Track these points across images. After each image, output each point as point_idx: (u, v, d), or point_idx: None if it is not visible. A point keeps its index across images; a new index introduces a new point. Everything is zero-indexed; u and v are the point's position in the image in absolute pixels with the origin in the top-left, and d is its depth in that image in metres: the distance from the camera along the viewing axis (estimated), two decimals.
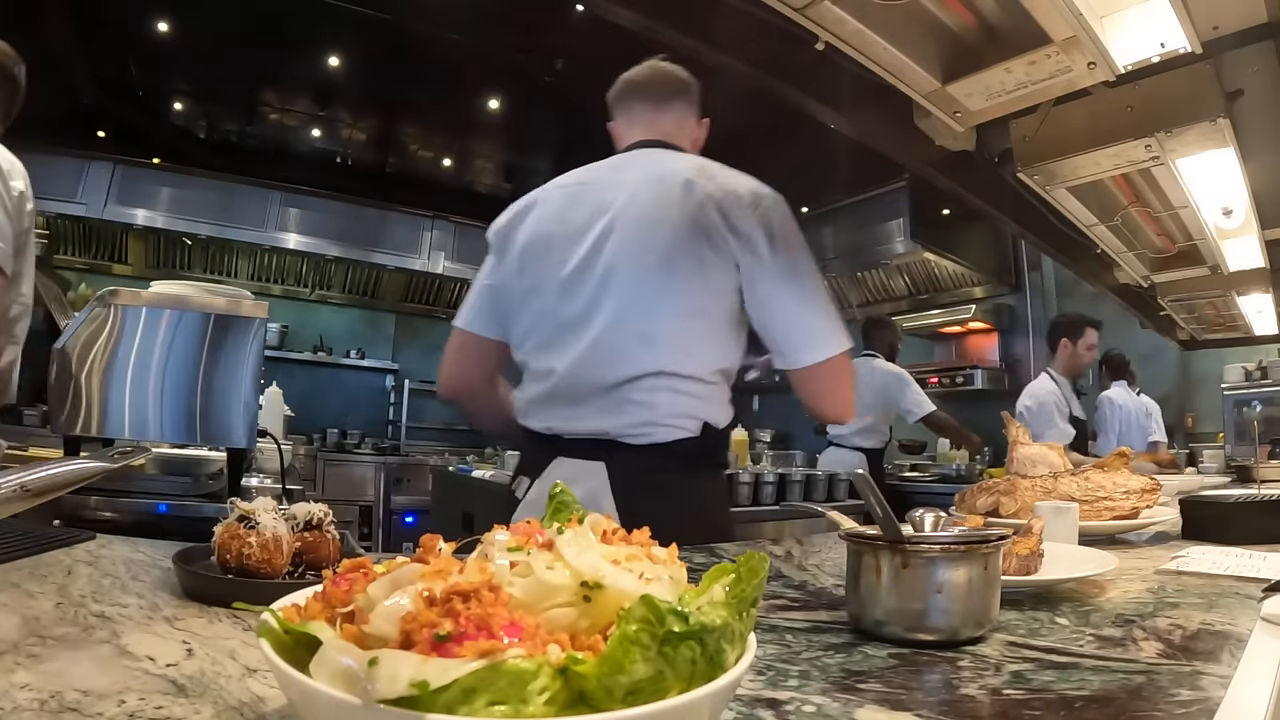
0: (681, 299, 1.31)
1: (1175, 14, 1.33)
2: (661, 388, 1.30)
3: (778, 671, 0.65)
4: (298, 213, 5.77)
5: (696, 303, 1.32)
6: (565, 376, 1.35)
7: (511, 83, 4.97)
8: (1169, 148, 1.65)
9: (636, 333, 1.30)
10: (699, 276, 1.31)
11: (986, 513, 1.55)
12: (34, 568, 0.83)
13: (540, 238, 1.45)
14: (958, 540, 0.77)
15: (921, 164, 2.01)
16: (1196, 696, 0.60)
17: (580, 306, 1.35)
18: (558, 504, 0.55)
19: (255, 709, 0.50)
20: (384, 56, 4.67)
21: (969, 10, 1.45)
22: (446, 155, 6.33)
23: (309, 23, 4.26)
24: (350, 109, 5.54)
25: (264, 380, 1.81)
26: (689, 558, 0.77)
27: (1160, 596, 0.99)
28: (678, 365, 1.30)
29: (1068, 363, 3.59)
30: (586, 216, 1.39)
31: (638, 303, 1.31)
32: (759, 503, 3.02)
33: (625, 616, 0.35)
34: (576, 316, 1.35)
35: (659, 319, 1.30)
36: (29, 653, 0.56)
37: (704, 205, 1.34)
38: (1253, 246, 2.38)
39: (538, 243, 1.45)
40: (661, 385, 1.30)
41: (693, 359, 1.31)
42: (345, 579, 0.41)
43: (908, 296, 6.06)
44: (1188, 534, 1.60)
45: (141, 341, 1.58)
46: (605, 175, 1.48)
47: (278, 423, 2.94)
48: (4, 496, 0.61)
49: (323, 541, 0.87)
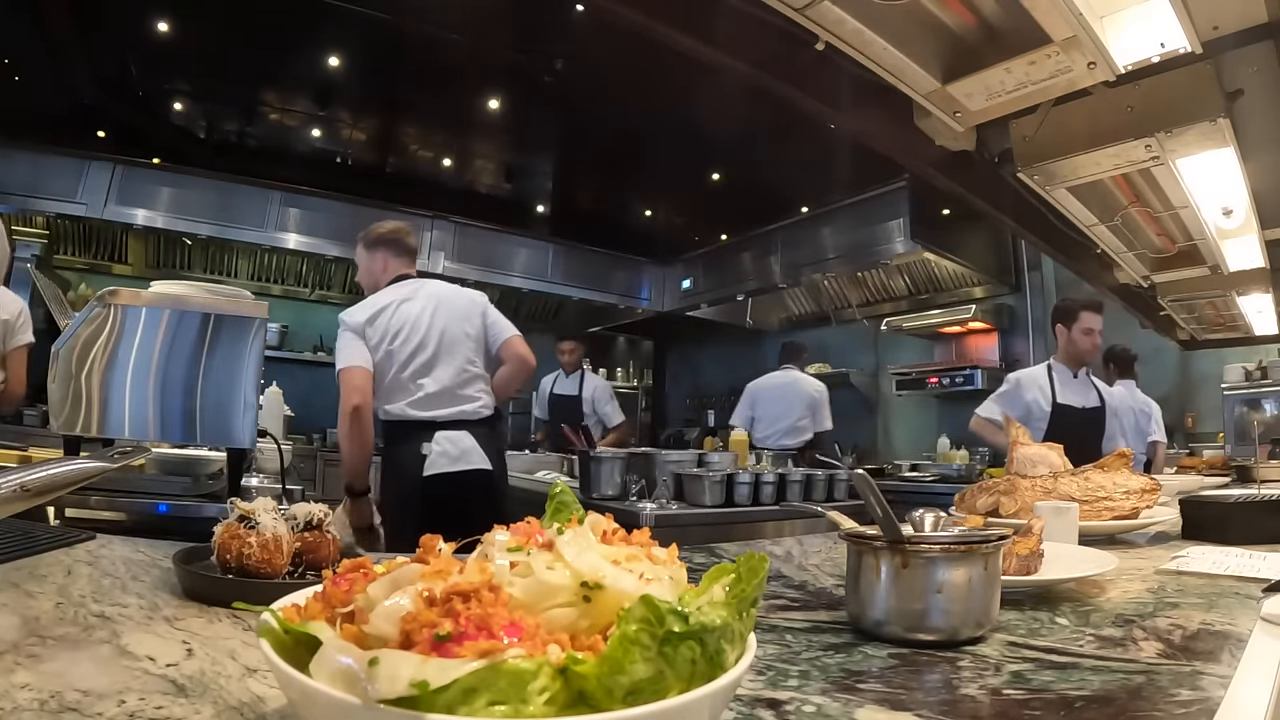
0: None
1: (1175, 14, 1.33)
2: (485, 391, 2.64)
3: (778, 671, 0.65)
4: (298, 213, 5.77)
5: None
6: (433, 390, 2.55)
7: (511, 83, 4.97)
8: (1169, 148, 1.65)
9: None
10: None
11: (986, 513, 1.55)
12: (34, 568, 0.83)
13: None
14: (958, 540, 0.77)
15: (921, 164, 2.01)
16: (1196, 696, 0.60)
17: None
18: (558, 504, 0.55)
19: (255, 709, 0.50)
20: (384, 56, 4.66)
21: (969, 10, 1.45)
22: (446, 155, 6.33)
23: (309, 23, 4.26)
24: (350, 109, 5.53)
25: (264, 380, 1.81)
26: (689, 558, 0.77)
27: (1160, 596, 0.99)
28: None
29: (1065, 350, 3.41)
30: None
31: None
32: (759, 503, 3.02)
33: (625, 616, 0.35)
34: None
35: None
36: (29, 653, 0.56)
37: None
38: (1253, 246, 2.38)
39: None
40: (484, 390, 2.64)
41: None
42: (345, 579, 0.41)
43: (908, 296, 6.06)
44: (1188, 534, 1.60)
45: (141, 341, 1.58)
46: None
47: (278, 423, 2.94)
48: (4, 496, 0.61)
49: (323, 541, 0.87)
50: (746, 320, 7.27)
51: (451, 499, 2.39)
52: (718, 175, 6.11)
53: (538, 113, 5.32)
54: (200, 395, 1.60)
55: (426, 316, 2.52)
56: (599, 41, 3.92)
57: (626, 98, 4.74)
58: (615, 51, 3.85)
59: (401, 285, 2.60)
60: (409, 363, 2.48)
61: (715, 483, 2.94)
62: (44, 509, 1.51)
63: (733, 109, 3.68)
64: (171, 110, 5.55)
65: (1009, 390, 3.45)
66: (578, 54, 4.48)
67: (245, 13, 4.14)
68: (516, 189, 6.78)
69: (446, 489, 2.41)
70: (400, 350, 2.48)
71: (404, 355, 2.48)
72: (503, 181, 6.67)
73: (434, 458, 2.44)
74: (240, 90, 5.28)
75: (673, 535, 0.59)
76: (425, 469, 2.42)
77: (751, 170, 5.76)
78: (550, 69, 4.65)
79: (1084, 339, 3.36)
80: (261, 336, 1.68)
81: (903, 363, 6.15)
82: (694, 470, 3.04)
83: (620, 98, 4.76)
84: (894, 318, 6.00)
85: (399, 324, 2.49)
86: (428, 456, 2.43)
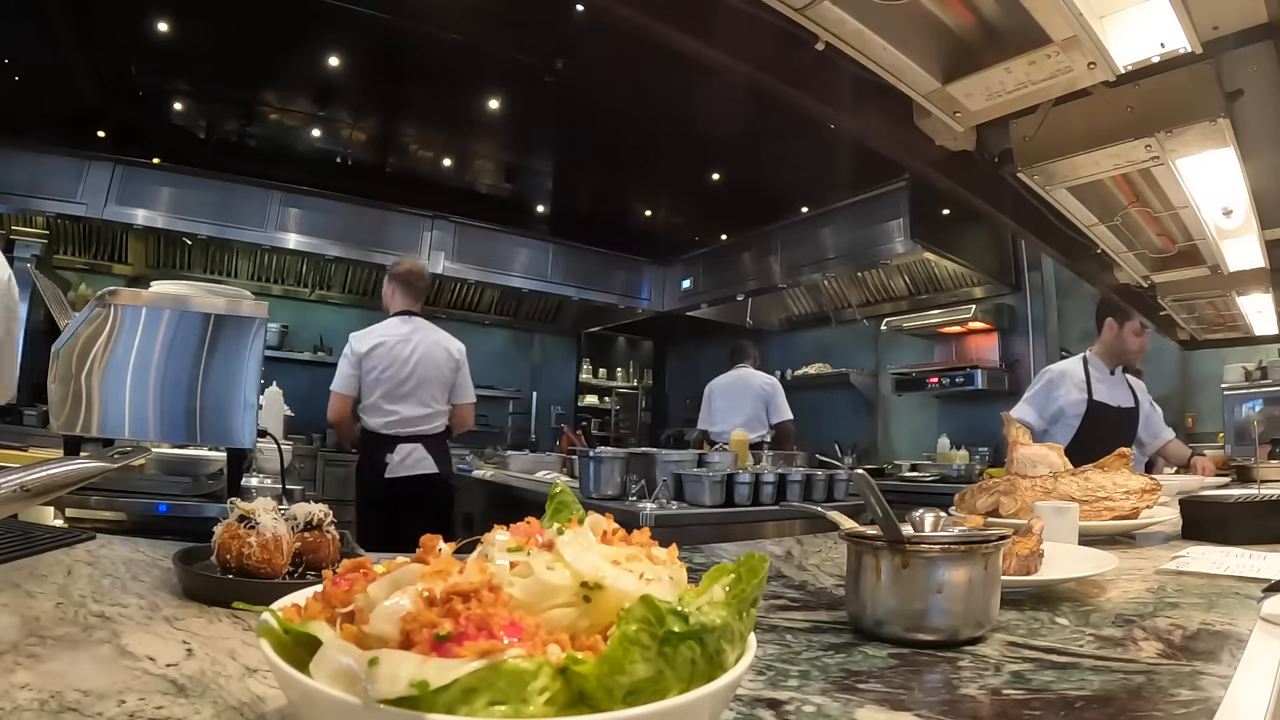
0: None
1: (1175, 14, 1.32)
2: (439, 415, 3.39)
3: (778, 671, 0.65)
4: (298, 213, 5.77)
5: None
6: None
7: (511, 83, 4.97)
8: (1169, 148, 1.65)
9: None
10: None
11: (986, 513, 1.55)
12: (34, 568, 0.83)
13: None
14: (958, 540, 0.77)
15: (921, 164, 2.01)
16: (1196, 696, 0.60)
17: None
18: (558, 504, 0.55)
19: (255, 709, 0.50)
20: (384, 56, 4.67)
21: (969, 10, 1.45)
22: (446, 155, 6.33)
23: (309, 23, 4.26)
24: (350, 109, 5.53)
25: (264, 380, 1.81)
26: (689, 558, 0.77)
27: (1160, 596, 0.99)
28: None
29: (1111, 346, 3.20)
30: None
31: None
32: (759, 503, 3.02)
33: (625, 617, 0.35)
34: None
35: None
36: (29, 653, 0.56)
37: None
38: (1253, 246, 2.38)
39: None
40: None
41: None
42: (345, 579, 0.41)
43: (908, 296, 6.06)
44: (1188, 534, 1.60)
45: (141, 342, 1.57)
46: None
47: (278, 423, 2.93)
48: (4, 496, 0.61)
49: (323, 541, 0.87)
50: (746, 320, 7.26)
51: (408, 494, 3.24)
52: (718, 175, 6.12)
53: (538, 113, 5.32)
54: (200, 395, 1.60)
55: (412, 361, 3.31)
56: (599, 41, 3.93)
57: (626, 98, 4.74)
58: (615, 51, 3.85)
59: (404, 322, 3.38)
60: (389, 392, 3.29)
61: (715, 483, 2.94)
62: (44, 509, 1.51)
63: (733, 109, 3.68)
64: (171, 110, 5.55)
65: (1041, 389, 3.23)
66: (578, 54, 4.48)
67: (245, 13, 4.14)
68: (516, 189, 6.79)
69: (404, 487, 3.25)
70: (385, 380, 3.28)
71: (387, 384, 3.28)
72: (503, 181, 6.67)
73: (394, 465, 3.25)
74: (240, 90, 5.28)
75: (673, 535, 0.59)
76: (387, 473, 3.23)
77: (751, 170, 5.77)
78: (550, 69, 4.65)
79: (1135, 339, 3.17)
80: (261, 336, 1.68)
81: (903, 363, 6.14)
82: (694, 470, 3.03)
83: (620, 98, 4.77)
84: (894, 318, 6.00)
85: (390, 361, 3.29)
86: (389, 464, 3.24)
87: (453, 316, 7.02)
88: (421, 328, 3.39)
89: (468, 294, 6.92)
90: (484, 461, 4.91)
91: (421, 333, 3.37)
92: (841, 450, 5.94)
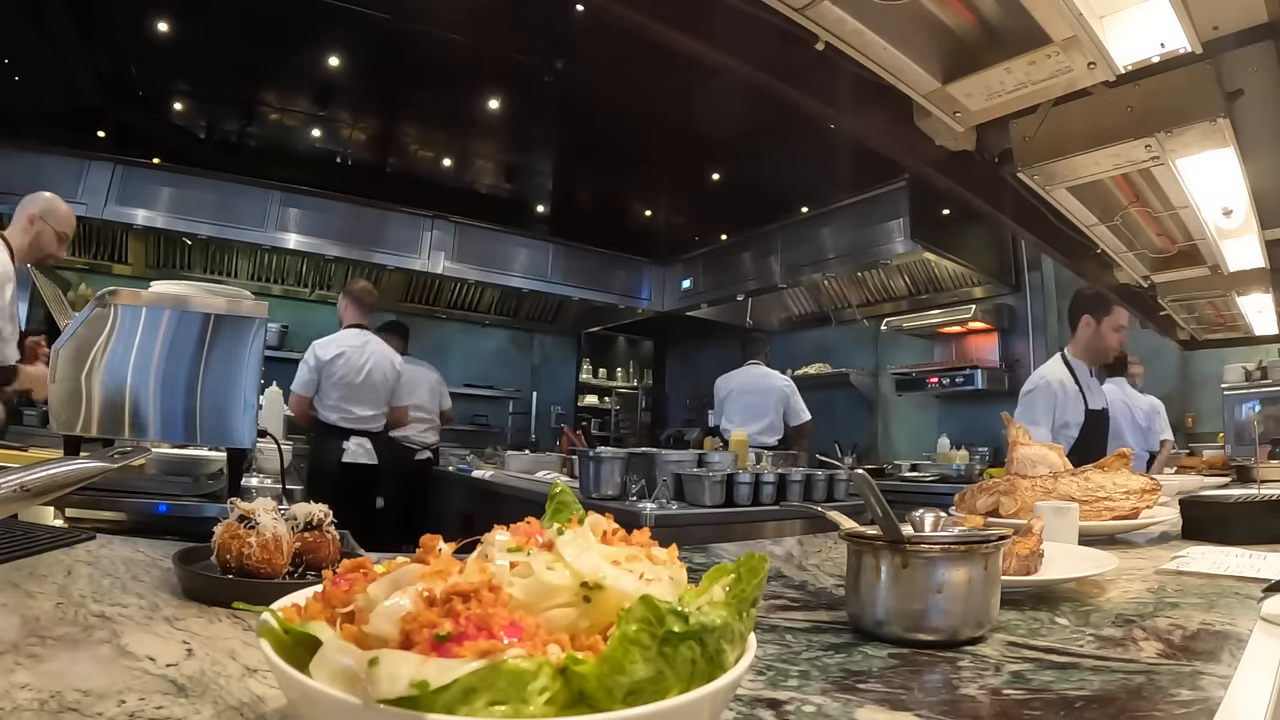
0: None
1: (1175, 14, 1.32)
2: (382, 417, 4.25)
3: (778, 671, 0.65)
4: (298, 213, 5.77)
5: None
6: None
7: (511, 83, 4.97)
8: (1169, 148, 1.65)
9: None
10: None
11: (986, 513, 1.55)
12: (34, 568, 0.83)
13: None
14: (958, 540, 0.77)
15: (921, 164, 2.01)
16: (1196, 696, 0.60)
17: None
18: (558, 504, 0.55)
19: (255, 709, 0.50)
20: (384, 56, 4.67)
21: (969, 10, 1.45)
22: (446, 155, 6.33)
23: (309, 23, 4.26)
24: (350, 109, 5.53)
25: (264, 380, 1.81)
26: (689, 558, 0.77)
27: (1160, 596, 0.99)
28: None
29: (1089, 344, 3.06)
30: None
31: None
32: (759, 503, 3.02)
33: (625, 617, 0.35)
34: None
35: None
36: (29, 653, 0.56)
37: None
38: (1253, 246, 2.38)
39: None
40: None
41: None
42: (345, 579, 0.41)
43: (908, 296, 6.06)
44: (1188, 534, 1.60)
45: (141, 342, 1.57)
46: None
47: (278, 423, 2.94)
48: (4, 496, 0.61)
49: (323, 541, 0.87)
50: (746, 320, 7.26)
51: (355, 478, 4.05)
52: (718, 175, 6.11)
53: (538, 113, 5.32)
54: (200, 395, 1.60)
55: (365, 370, 4.08)
56: (599, 41, 3.92)
57: (626, 98, 4.74)
58: (615, 51, 3.85)
59: (357, 335, 4.15)
60: (345, 393, 4.04)
61: (715, 483, 2.94)
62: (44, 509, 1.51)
63: (733, 109, 3.67)
64: (171, 110, 5.55)
65: (1044, 404, 3.01)
66: (578, 54, 4.48)
67: (245, 13, 4.14)
68: (516, 189, 6.78)
69: (354, 472, 4.05)
70: (341, 383, 4.03)
71: (343, 388, 4.03)
72: (503, 181, 6.67)
73: (349, 453, 4.04)
74: (240, 90, 5.28)
75: (673, 535, 0.59)
76: (344, 459, 4.02)
77: (751, 170, 5.76)
78: (550, 69, 4.65)
79: (1114, 335, 3.06)
80: (261, 336, 1.67)
81: (903, 363, 6.15)
82: (694, 470, 3.03)
83: (620, 98, 4.76)
84: (894, 318, 6.00)
85: (347, 369, 4.04)
86: (345, 451, 4.03)
87: (453, 316, 7.03)
88: (372, 340, 4.19)
89: (468, 294, 6.91)
90: (484, 461, 4.91)
91: (372, 345, 4.17)
92: (841, 450, 5.95)
